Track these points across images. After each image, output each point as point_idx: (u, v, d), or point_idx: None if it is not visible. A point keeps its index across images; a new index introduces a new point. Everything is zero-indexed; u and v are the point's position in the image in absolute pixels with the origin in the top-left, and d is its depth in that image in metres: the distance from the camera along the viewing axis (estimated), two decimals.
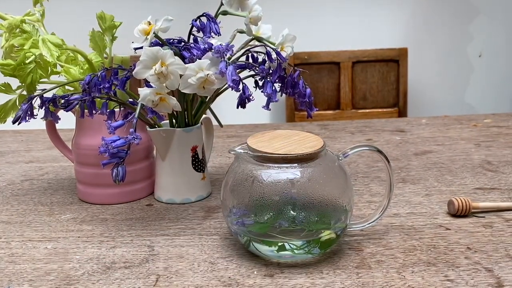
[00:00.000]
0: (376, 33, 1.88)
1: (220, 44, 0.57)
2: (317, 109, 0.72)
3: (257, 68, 0.63)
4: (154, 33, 0.59)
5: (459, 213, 0.59)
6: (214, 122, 0.75)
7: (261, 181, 0.49)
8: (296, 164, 0.49)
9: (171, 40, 0.63)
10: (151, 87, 0.58)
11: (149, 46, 0.57)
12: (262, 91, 0.62)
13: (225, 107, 1.07)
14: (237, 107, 0.64)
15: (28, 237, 0.58)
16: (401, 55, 1.69)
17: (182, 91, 0.59)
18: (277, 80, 0.62)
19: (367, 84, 1.71)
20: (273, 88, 0.61)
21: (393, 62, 1.70)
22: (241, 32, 0.66)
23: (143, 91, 0.57)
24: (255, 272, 0.49)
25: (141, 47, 0.58)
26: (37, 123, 0.68)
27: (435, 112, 1.91)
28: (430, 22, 1.90)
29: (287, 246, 0.49)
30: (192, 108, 0.67)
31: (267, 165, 0.50)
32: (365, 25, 1.86)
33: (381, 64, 1.70)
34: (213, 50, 0.57)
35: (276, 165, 0.49)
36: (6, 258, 0.53)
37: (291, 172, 0.49)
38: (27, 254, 0.54)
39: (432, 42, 1.91)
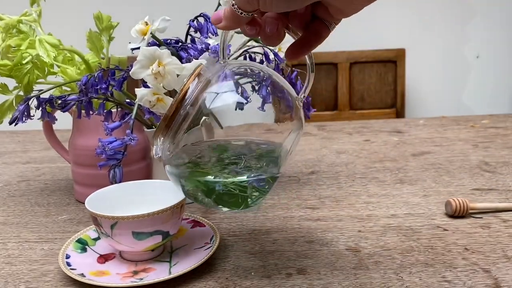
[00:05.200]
0: (373, 34, 1.88)
1: (217, 44, 0.57)
2: (315, 109, 0.72)
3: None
4: (151, 33, 0.59)
5: (457, 214, 0.59)
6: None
7: None
8: None
9: (168, 40, 0.63)
10: (148, 87, 0.57)
11: (146, 46, 0.57)
12: (257, 93, 0.62)
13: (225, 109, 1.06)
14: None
15: (25, 238, 0.58)
16: (399, 56, 1.70)
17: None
18: None
19: (364, 85, 1.71)
20: (268, 90, 0.61)
21: (391, 63, 1.70)
22: (239, 32, 0.66)
23: (140, 92, 0.57)
24: (253, 273, 0.49)
25: (138, 47, 0.58)
26: (34, 123, 0.67)
27: (433, 113, 1.91)
28: (428, 23, 1.90)
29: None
30: None
31: None
32: (363, 26, 1.86)
33: (378, 65, 1.71)
34: (210, 50, 0.57)
35: None
36: (2, 259, 0.53)
37: None
38: (23, 255, 0.54)
39: (429, 43, 1.91)
